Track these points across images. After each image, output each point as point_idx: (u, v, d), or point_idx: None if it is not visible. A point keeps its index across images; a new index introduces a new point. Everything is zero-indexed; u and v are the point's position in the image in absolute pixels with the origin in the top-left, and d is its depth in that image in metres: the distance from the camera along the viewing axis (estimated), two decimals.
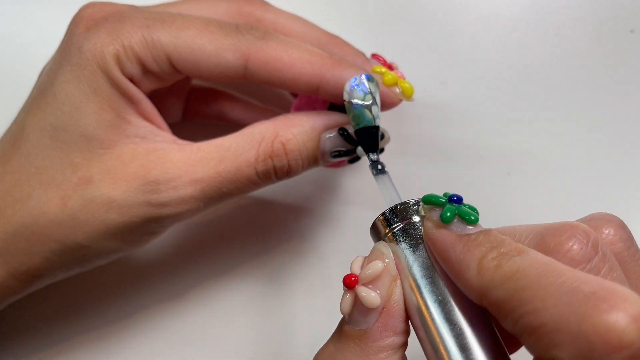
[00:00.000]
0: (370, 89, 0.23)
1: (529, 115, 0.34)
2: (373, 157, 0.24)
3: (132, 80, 0.24)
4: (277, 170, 0.25)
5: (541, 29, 0.35)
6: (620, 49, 0.34)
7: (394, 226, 0.21)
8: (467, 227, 0.19)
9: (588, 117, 0.34)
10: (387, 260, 0.20)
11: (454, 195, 0.20)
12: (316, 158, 0.26)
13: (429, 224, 0.20)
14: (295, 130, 0.25)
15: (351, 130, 0.25)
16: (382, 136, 0.26)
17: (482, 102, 0.34)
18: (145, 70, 0.24)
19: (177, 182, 0.24)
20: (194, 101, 0.32)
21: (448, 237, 0.19)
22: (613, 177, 0.33)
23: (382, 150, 0.27)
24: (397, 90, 0.25)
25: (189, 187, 0.24)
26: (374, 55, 0.29)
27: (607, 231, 0.20)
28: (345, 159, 0.26)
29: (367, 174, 0.30)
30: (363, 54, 0.28)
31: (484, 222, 0.19)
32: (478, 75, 0.34)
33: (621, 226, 0.20)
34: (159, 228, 0.26)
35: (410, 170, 0.33)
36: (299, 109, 0.28)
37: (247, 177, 0.25)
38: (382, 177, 0.24)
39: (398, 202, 0.21)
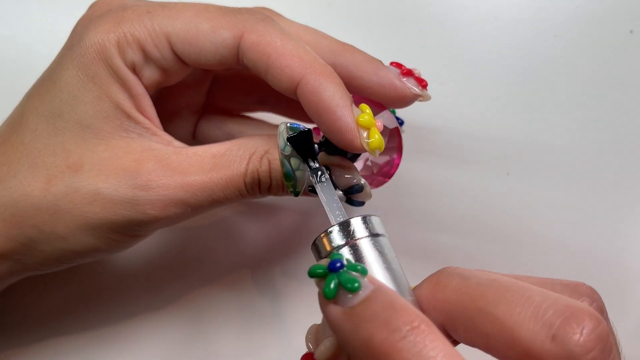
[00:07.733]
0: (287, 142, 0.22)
1: (528, 116, 0.34)
2: (313, 164, 0.23)
3: (133, 69, 0.24)
4: (260, 186, 0.25)
5: (540, 29, 0.35)
6: (619, 49, 0.35)
7: (336, 246, 0.19)
8: (352, 296, 0.17)
9: (587, 117, 0.34)
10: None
11: (335, 260, 0.17)
12: None
13: (321, 300, 0.18)
14: None
15: (338, 173, 0.24)
16: (362, 189, 0.24)
17: (481, 103, 0.34)
18: (147, 57, 0.24)
19: (169, 182, 0.23)
20: (205, 123, 0.32)
21: (335, 314, 0.17)
22: (612, 177, 0.33)
23: (362, 203, 0.25)
24: (364, 134, 0.22)
25: (180, 190, 0.23)
26: (393, 63, 0.27)
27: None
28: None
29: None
30: (379, 61, 0.26)
31: (484, 222, 0.19)
32: (477, 75, 0.34)
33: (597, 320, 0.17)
34: (142, 231, 0.25)
35: (410, 170, 0.33)
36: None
37: (236, 187, 0.24)
38: (323, 186, 0.22)
39: (341, 219, 0.20)
